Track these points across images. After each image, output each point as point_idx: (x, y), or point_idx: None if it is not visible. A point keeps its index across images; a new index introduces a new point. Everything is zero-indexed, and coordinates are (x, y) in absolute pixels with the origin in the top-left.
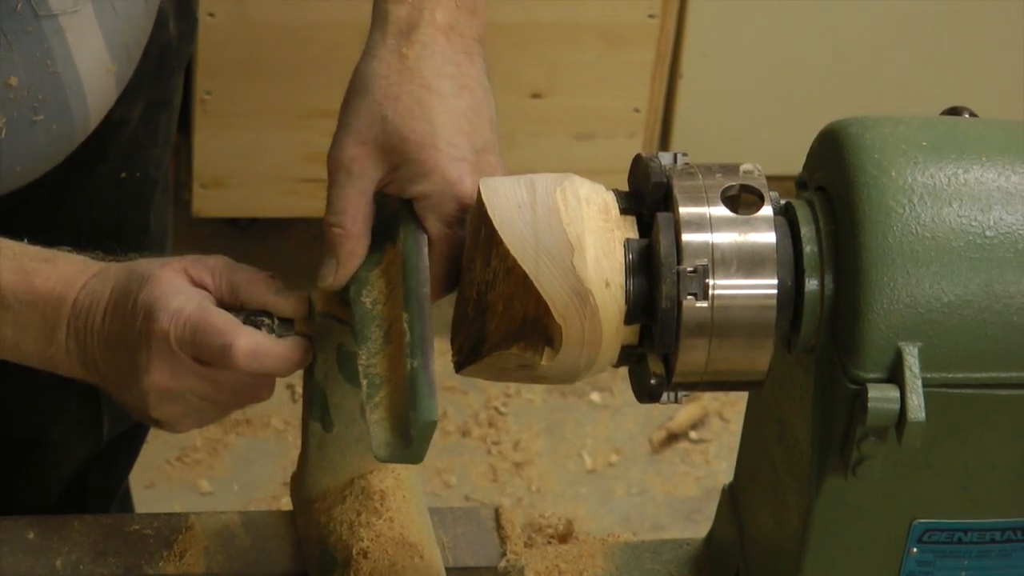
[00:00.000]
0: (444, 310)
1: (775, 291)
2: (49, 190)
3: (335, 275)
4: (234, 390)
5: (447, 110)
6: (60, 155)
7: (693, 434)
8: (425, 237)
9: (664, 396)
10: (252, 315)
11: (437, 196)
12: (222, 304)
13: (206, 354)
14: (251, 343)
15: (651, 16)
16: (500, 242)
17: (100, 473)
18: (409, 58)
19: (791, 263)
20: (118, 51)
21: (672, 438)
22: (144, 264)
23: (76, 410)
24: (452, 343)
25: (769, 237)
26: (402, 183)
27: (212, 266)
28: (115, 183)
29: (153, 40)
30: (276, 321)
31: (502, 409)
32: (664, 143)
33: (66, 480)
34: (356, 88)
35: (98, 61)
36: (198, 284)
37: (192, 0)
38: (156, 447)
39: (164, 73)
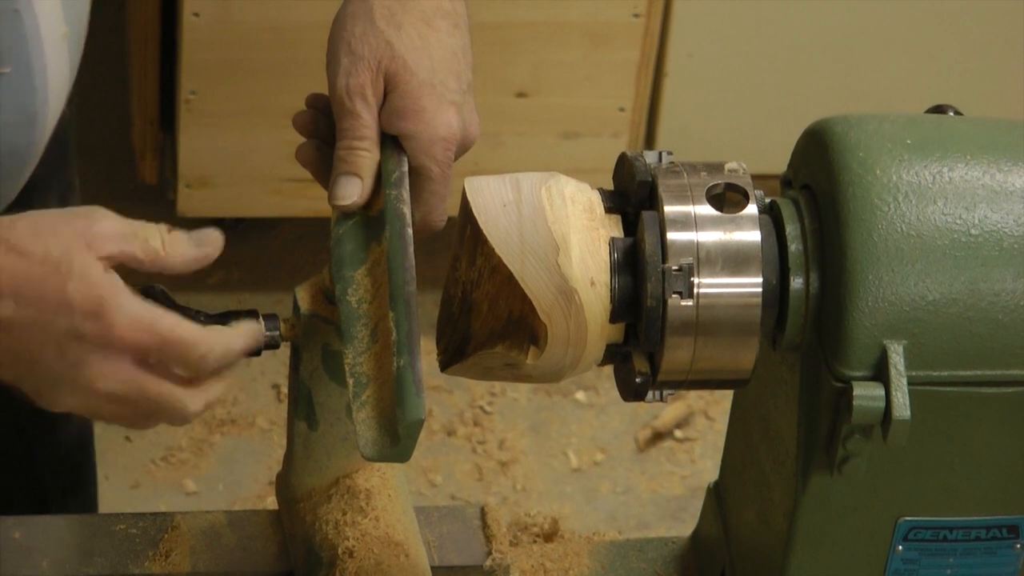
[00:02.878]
0: (429, 310)
1: (760, 289)
2: None
3: (360, 193)
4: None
5: (443, 48)
6: (23, 142)
7: (678, 433)
8: (411, 234)
9: (649, 394)
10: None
11: (426, 137)
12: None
13: (178, 366)
14: (221, 348)
15: (636, 15)
16: (485, 241)
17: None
18: None
19: (776, 261)
20: (69, 12)
21: (657, 437)
22: (44, 242)
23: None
24: (437, 343)
25: (754, 235)
26: (390, 115)
27: (113, 244)
28: None
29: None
30: (261, 319)
31: (487, 408)
32: (649, 142)
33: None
34: (353, 15)
35: (54, 20)
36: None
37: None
38: (141, 447)
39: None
